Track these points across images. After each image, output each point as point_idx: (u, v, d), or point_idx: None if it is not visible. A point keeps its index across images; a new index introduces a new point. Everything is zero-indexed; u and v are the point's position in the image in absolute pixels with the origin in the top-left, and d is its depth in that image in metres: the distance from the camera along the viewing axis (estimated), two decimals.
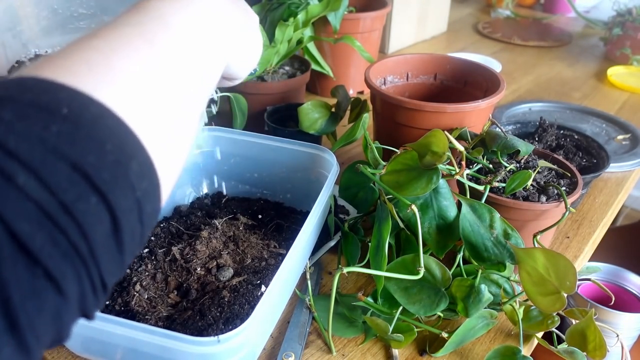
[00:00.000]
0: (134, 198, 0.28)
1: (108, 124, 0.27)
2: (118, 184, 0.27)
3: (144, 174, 0.29)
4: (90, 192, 0.25)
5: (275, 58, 0.95)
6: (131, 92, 0.29)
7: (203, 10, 0.38)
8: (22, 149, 0.24)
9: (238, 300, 0.57)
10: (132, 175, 0.27)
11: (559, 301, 0.51)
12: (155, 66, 0.32)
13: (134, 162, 0.28)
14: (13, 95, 0.26)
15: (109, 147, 0.26)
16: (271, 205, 0.76)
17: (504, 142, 0.65)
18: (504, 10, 1.78)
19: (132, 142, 0.28)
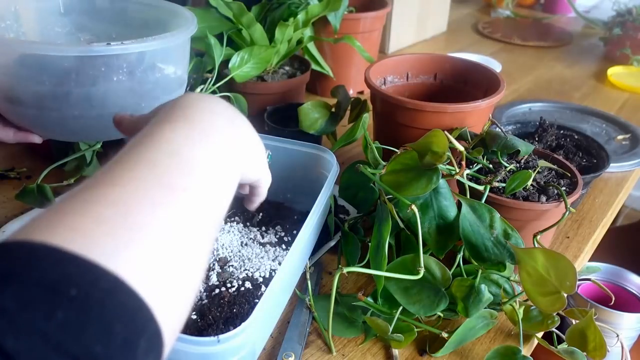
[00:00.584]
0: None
1: (119, 300, 0.25)
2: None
3: (151, 349, 0.27)
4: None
5: (275, 58, 0.95)
6: (149, 256, 0.27)
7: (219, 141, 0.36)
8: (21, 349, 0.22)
9: (238, 300, 0.57)
10: (140, 354, 0.26)
11: (559, 301, 0.51)
12: (175, 220, 0.30)
13: (143, 339, 0.26)
14: (19, 272, 0.24)
15: (118, 329, 0.25)
16: (271, 205, 0.76)
17: (504, 142, 0.65)
18: (504, 10, 1.78)
19: (143, 317, 0.26)
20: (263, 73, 0.95)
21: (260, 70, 0.91)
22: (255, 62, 0.89)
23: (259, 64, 0.90)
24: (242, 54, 0.88)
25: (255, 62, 0.89)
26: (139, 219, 0.28)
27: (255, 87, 0.93)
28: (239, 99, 0.89)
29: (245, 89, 0.91)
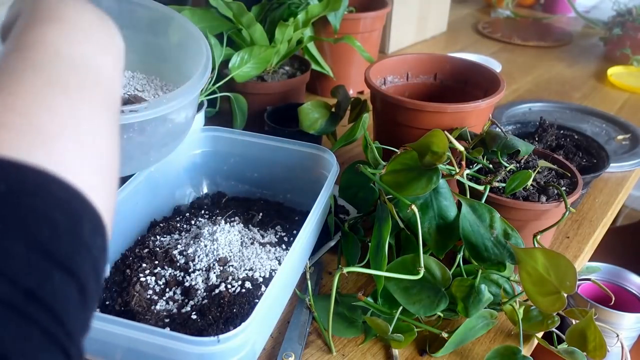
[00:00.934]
0: (91, 259, 0.27)
1: (51, 190, 0.26)
2: (77, 250, 0.26)
3: (96, 231, 0.28)
4: (53, 269, 0.24)
5: (275, 58, 0.95)
6: (64, 149, 0.28)
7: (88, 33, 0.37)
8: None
9: (238, 300, 0.57)
10: (87, 236, 0.26)
11: (559, 301, 0.51)
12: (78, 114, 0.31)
13: (86, 222, 0.27)
14: None
15: (59, 215, 0.25)
16: (271, 205, 0.76)
17: (504, 142, 0.65)
18: (504, 10, 1.78)
19: (79, 202, 0.27)
20: (263, 73, 0.95)
21: (260, 70, 0.91)
22: (255, 62, 0.89)
23: (259, 64, 0.90)
24: (242, 54, 0.88)
25: (255, 62, 0.89)
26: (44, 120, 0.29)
27: (255, 87, 0.93)
28: (239, 99, 0.89)
29: (245, 89, 0.91)
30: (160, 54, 0.72)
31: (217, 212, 0.73)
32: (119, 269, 0.63)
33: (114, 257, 0.65)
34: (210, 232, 0.64)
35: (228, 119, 0.92)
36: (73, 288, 0.25)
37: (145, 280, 0.60)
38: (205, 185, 0.78)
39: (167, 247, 0.64)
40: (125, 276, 0.61)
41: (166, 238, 0.67)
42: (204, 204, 0.75)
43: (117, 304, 0.58)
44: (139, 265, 0.62)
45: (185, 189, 0.77)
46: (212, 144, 0.76)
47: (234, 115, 0.90)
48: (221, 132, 0.75)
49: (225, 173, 0.78)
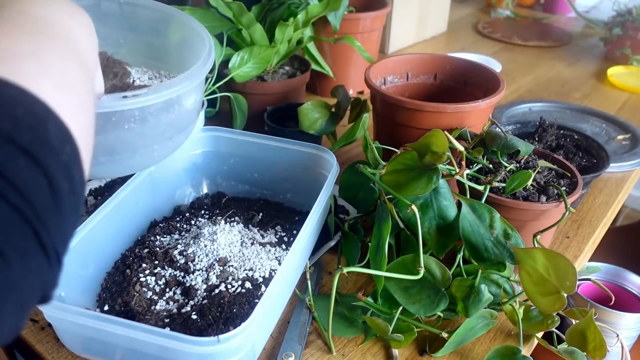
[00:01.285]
0: (61, 162, 0.26)
1: (11, 93, 0.26)
2: (42, 145, 0.25)
3: (64, 139, 0.27)
4: (17, 154, 0.24)
5: (275, 58, 0.95)
6: (26, 66, 0.29)
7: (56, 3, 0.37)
8: None
9: (238, 300, 0.57)
10: (53, 139, 0.26)
11: (559, 301, 0.51)
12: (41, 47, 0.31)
13: (51, 125, 0.27)
14: None
15: (20, 113, 0.25)
16: (271, 205, 0.76)
17: (504, 142, 0.65)
18: (504, 10, 1.78)
19: (42, 108, 0.27)
20: (263, 73, 0.95)
21: (260, 70, 0.91)
22: (255, 62, 0.89)
23: (259, 64, 0.90)
24: (242, 54, 0.88)
25: (255, 62, 0.89)
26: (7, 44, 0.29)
27: (255, 87, 0.93)
28: (239, 99, 0.89)
29: (245, 89, 0.91)
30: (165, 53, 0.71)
31: (217, 212, 0.73)
32: (119, 269, 0.63)
33: (114, 257, 0.65)
34: (210, 232, 0.64)
35: (228, 119, 0.92)
36: (41, 178, 0.25)
37: (145, 280, 0.60)
38: (206, 185, 0.78)
39: (167, 247, 0.64)
40: (125, 276, 0.61)
41: (166, 238, 0.67)
42: (204, 204, 0.75)
43: (117, 304, 0.58)
44: (139, 265, 0.62)
45: (185, 189, 0.77)
46: (212, 144, 0.76)
47: (234, 115, 0.90)
48: (221, 132, 0.75)
49: (226, 173, 0.78)
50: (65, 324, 0.50)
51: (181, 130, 0.61)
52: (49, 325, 0.58)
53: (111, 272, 0.63)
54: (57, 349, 0.56)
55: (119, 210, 0.63)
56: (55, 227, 0.25)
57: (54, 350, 0.56)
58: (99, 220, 0.60)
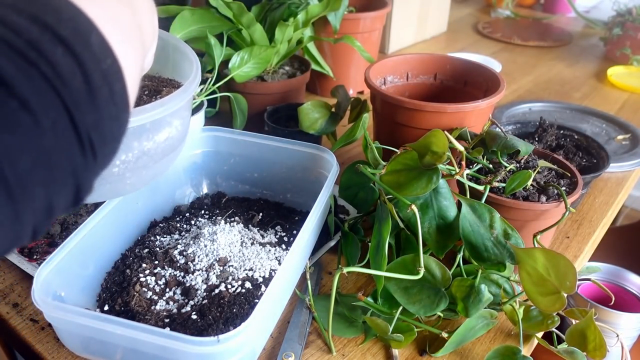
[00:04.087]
0: (101, 69, 0.26)
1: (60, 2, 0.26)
2: (82, 44, 0.25)
3: (105, 51, 0.27)
4: (55, 41, 0.24)
5: (275, 58, 0.95)
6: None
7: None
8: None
9: (238, 300, 0.57)
10: (94, 45, 0.26)
11: (559, 301, 0.51)
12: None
13: (94, 35, 0.26)
14: None
15: (66, 16, 0.25)
16: (271, 205, 0.76)
17: (504, 142, 0.65)
18: (504, 10, 1.78)
19: (86, 20, 0.27)
20: (263, 73, 0.95)
21: (260, 70, 0.91)
22: (255, 62, 0.89)
23: (259, 64, 0.90)
24: (242, 54, 0.88)
25: (255, 62, 0.89)
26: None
27: (255, 87, 0.93)
28: (239, 99, 0.89)
29: (245, 89, 0.91)
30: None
31: (217, 212, 0.73)
32: (119, 269, 0.63)
33: (114, 257, 0.65)
34: (210, 232, 0.64)
35: (228, 119, 0.92)
36: (76, 69, 0.24)
37: (145, 280, 0.60)
38: (205, 185, 0.78)
39: (167, 247, 0.64)
40: (125, 276, 0.61)
41: (166, 238, 0.67)
42: (204, 204, 0.75)
43: (117, 304, 0.58)
44: (139, 265, 0.62)
45: (185, 189, 0.77)
46: (212, 144, 0.76)
47: (234, 115, 0.90)
48: (221, 132, 0.75)
49: (225, 173, 0.78)
50: (65, 324, 0.50)
51: (157, 160, 0.54)
52: (49, 325, 0.58)
53: (111, 272, 0.63)
54: (57, 349, 0.56)
55: (119, 210, 0.63)
56: (90, 118, 0.25)
57: (54, 350, 0.56)
58: (99, 220, 0.60)
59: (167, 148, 0.55)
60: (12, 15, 0.23)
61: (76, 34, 0.25)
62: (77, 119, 0.24)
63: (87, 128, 0.25)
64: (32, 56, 0.23)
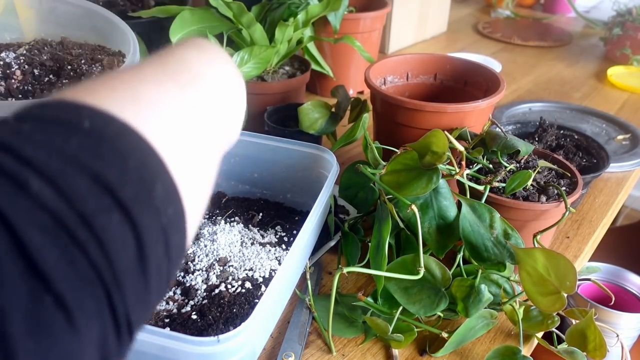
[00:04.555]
0: (160, 224, 0.25)
1: (131, 141, 0.25)
2: (143, 203, 0.24)
3: (169, 199, 0.26)
4: (113, 207, 0.22)
5: (275, 58, 0.95)
6: (155, 118, 0.28)
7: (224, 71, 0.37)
8: (39, 156, 0.21)
9: (238, 300, 0.57)
10: (157, 198, 0.25)
11: (559, 301, 0.51)
12: (179, 101, 0.30)
13: (159, 184, 0.25)
14: (34, 113, 0.24)
15: (133, 164, 0.24)
16: (271, 205, 0.76)
17: (504, 142, 0.65)
18: (504, 10, 1.78)
19: (156, 163, 0.26)
20: (263, 73, 0.95)
21: (260, 70, 0.91)
22: (255, 62, 0.89)
23: (259, 64, 0.90)
24: (242, 54, 0.88)
25: (255, 62, 0.89)
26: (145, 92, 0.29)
27: (255, 87, 0.93)
28: None
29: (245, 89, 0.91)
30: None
31: (217, 212, 0.73)
32: None
33: None
34: (210, 232, 0.64)
35: None
36: (130, 238, 0.23)
37: None
38: None
39: None
40: None
41: None
42: None
43: None
44: None
45: None
46: None
47: None
48: None
49: (225, 173, 0.78)
50: None
51: None
52: None
53: None
54: None
55: None
56: (133, 293, 0.23)
57: None
58: None
59: None
60: (73, 176, 0.22)
61: (140, 189, 0.24)
62: (117, 304, 0.22)
63: (127, 309, 0.23)
64: (82, 236, 0.21)
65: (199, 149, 0.31)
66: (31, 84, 0.62)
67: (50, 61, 0.66)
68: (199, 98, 0.32)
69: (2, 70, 0.63)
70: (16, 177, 0.21)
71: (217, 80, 0.36)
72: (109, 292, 0.22)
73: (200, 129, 0.32)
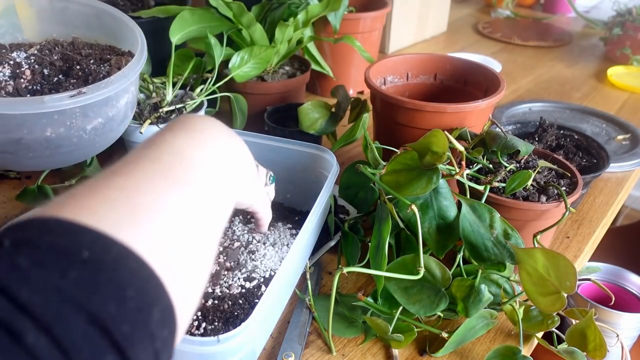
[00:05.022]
0: (153, 349, 0.25)
1: (130, 267, 0.26)
2: (138, 336, 0.24)
3: (165, 322, 0.27)
4: (107, 350, 0.23)
5: (275, 58, 0.95)
6: (154, 232, 0.28)
7: (217, 148, 0.38)
8: (35, 302, 0.22)
9: (238, 300, 0.57)
10: (153, 324, 0.25)
11: (559, 301, 0.51)
12: (177, 205, 0.31)
13: (156, 309, 0.26)
14: (31, 239, 0.24)
15: (131, 294, 0.25)
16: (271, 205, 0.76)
17: (504, 142, 0.65)
18: (504, 10, 1.78)
19: (154, 287, 0.26)
20: (263, 73, 0.95)
21: (260, 70, 0.91)
22: (255, 62, 0.89)
23: (259, 64, 0.90)
24: (242, 54, 0.88)
25: (255, 62, 0.89)
26: (141, 200, 0.29)
27: (255, 87, 0.93)
28: (239, 99, 0.89)
29: (245, 89, 0.91)
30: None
31: None
32: None
33: None
34: None
35: (228, 119, 0.92)
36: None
37: None
38: None
39: None
40: None
41: None
42: None
43: None
44: None
45: None
46: None
47: (234, 115, 0.90)
48: None
49: None
50: None
51: (120, 123, 0.65)
52: None
53: None
54: None
55: None
56: None
57: None
58: None
59: (127, 111, 0.65)
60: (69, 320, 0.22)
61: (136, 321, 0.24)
62: None
63: None
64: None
65: (200, 244, 0.32)
66: (40, 84, 0.63)
67: (60, 61, 0.66)
68: (197, 189, 0.33)
69: (12, 69, 0.63)
70: (12, 327, 0.21)
71: (212, 160, 0.36)
72: None
73: (201, 222, 0.32)
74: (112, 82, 0.58)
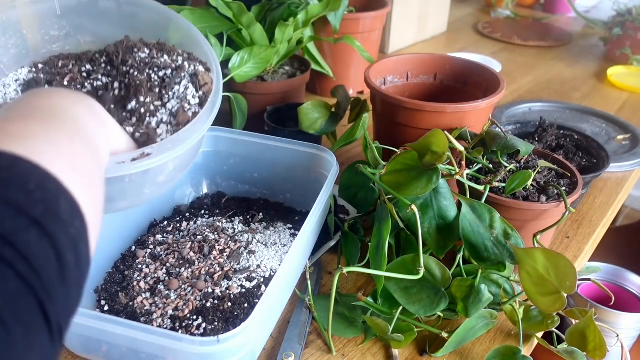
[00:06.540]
0: (69, 236, 0.27)
1: (24, 168, 0.27)
2: (52, 217, 0.26)
3: (74, 213, 0.28)
4: (29, 225, 0.24)
5: (275, 58, 0.95)
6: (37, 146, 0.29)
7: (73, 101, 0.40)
8: None
9: (238, 300, 0.57)
10: (64, 212, 0.27)
11: (559, 301, 0.51)
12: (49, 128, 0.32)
13: (62, 199, 0.27)
14: None
15: (33, 186, 0.26)
16: (271, 205, 0.76)
17: (504, 142, 0.65)
18: (504, 10, 1.78)
19: (54, 184, 0.28)
20: (263, 73, 0.95)
21: (260, 70, 0.91)
22: (255, 62, 0.89)
23: (259, 64, 0.90)
24: (242, 54, 0.88)
25: (255, 62, 0.89)
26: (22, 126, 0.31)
27: (255, 87, 0.93)
28: (239, 99, 0.89)
29: (245, 89, 0.91)
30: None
31: (217, 212, 0.73)
32: (119, 269, 0.63)
33: (114, 257, 0.65)
34: (210, 232, 0.64)
35: (228, 119, 0.92)
36: (50, 250, 0.25)
37: (145, 281, 0.59)
38: (206, 185, 0.78)
39: (167, 247, 0.64)
40: (125, 276, 0.61)
41: (166, 238, 0.67)
42: (204, 204, 0.75)
43: (117, 304, 0.58)
44: (139, 266, 0.62)
45: (185, 189, 0.77)
46: (212, 144, 0.76)
47: (234, 115, 0.90)
48: (221, 132, 0.75)
49: (226, 173, 0.78)
50: None
51: (179, 171, 0.58)
52: None
53: (111, 272, 0.63)
54: None
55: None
56: (60, 301, 0.25)
57: None
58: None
59: (189, 159, 0.59)
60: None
61: (47, 208, 0.26)
62: (50, 313, 0.24)
63: (57, 316, 0.25)
64: (8, 255, 0.23)
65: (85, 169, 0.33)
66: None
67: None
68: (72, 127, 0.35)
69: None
70: None
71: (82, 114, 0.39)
72: (41, 303, 0.23)
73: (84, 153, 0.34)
74: (179, 142, 0.51)
